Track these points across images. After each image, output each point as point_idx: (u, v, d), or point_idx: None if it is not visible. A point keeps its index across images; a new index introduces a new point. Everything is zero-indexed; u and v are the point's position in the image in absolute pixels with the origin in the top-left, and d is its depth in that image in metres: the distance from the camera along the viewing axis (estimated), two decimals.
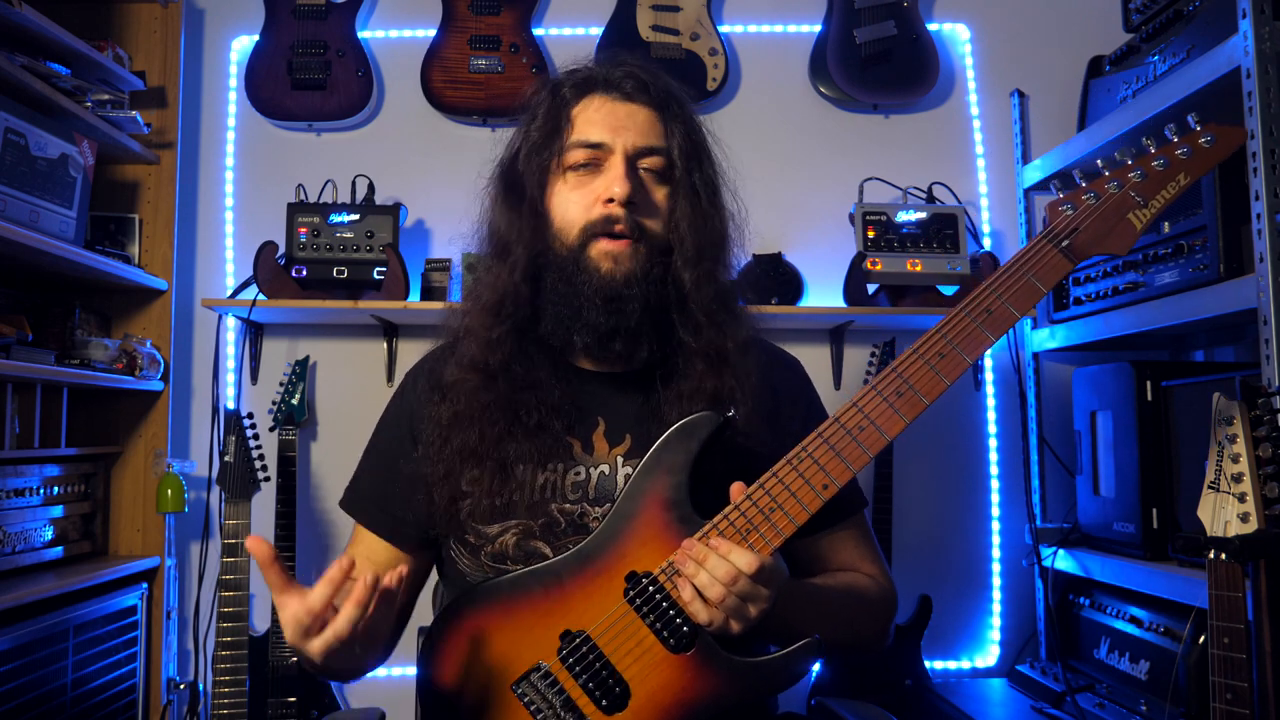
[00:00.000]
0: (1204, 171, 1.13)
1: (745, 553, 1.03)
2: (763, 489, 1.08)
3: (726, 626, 1.05)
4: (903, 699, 2.27)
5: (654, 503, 1.12)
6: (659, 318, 1.21)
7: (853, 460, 1.07)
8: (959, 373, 1.07)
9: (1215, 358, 2.39)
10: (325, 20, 2.49)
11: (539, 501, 1.20)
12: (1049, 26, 2.65)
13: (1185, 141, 1.12)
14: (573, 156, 1.22)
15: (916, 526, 2.51)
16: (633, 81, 1.24)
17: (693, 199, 1.24)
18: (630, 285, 1.18)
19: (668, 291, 1.21)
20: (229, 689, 2.09)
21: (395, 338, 2.49)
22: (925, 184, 2.48)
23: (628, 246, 1.19)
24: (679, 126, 1.25)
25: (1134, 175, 1.12)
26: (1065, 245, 1.10)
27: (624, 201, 1.18)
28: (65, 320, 2.19)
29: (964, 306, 1.09)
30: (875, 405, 1.08)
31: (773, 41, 2.64)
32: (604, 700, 1.08)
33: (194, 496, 2.37)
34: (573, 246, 1.21)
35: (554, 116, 1.24)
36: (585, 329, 1.20)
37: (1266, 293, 1.60)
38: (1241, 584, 1.26)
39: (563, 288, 1.20)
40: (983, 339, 1.08)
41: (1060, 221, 1.12)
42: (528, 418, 1.21)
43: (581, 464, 1.23)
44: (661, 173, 1.23)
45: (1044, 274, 1.10)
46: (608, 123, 1.22)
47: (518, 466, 1.19)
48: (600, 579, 1.11)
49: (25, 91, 1.96)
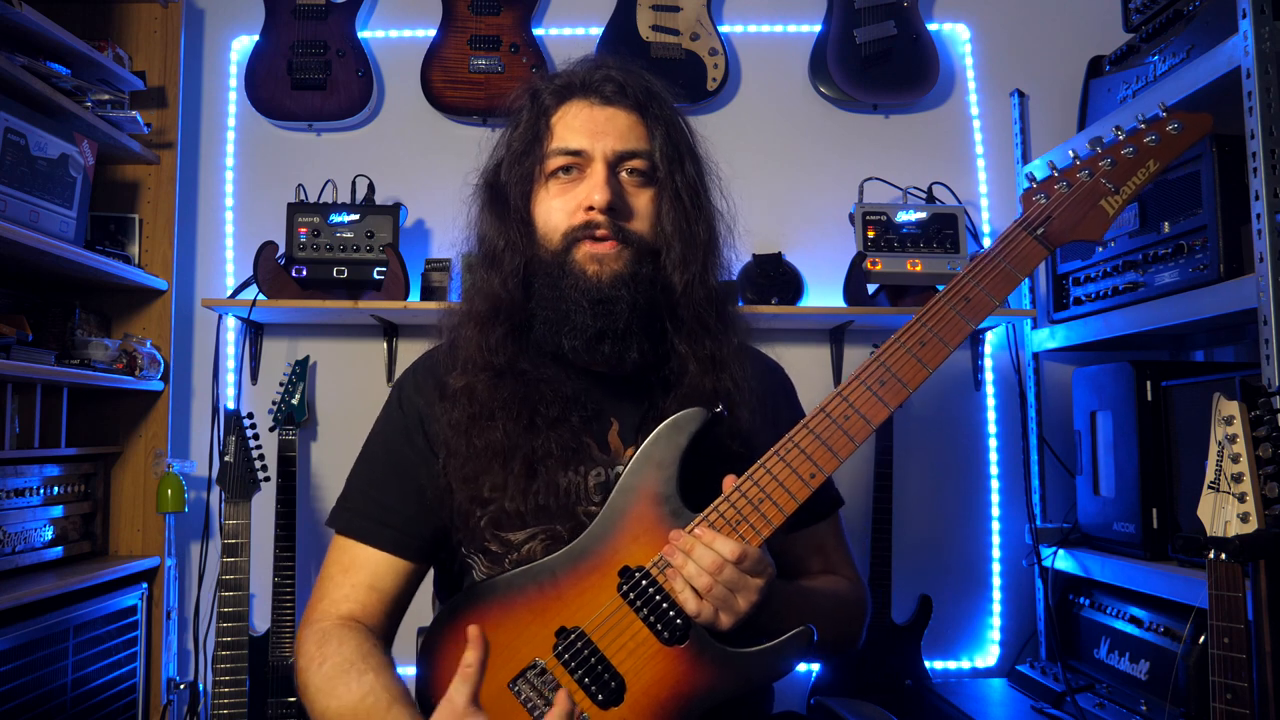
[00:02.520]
0: (1173, 157, 1.16)
1: (729, 541, 1.05)
2: (751, 480, 1.09)
3: (716, 618, 1.05)
4: (903, 699, 2.27)
5: (645, 498, 1.12)
6: (650, 321, 1.21)
7: (839, 449, 1.09)
8: (940, 359, 1.10)
9: (1215, 358, 2.39)
10: (325, 20, 2.49)
11: (565, 505, 1.19)
12: (1049, 26, 2.65)
13: (1153, 129, 1.15)
14: (554, 163, 1.22)
15: (916, 526, 2.51)
16: (612, 85, 1.24)
17: (677, 200, 1.23)
18: (617, 286, 1.18)
19: (658, 295, 1.21)
20: (229, 689, 2.09)
21: (395, 338, 2.49)
22: (925, 184, 2.48)
23: (613, 248, 1.19)
24: (660, 128, 1.24)
25: (1104, 163, 1.15)
26: (1040, 233, 1.13)
27: (604, 209, 1.18)
28: (65, 320, 2.19)
29: (943, 295, 1.12)
30: (859, 394, 1.10)
31: (773, 41, 2.64)
32: (600, 695, 1.08)
33: (194, 496, 2.38)
34: (557, 251, 1.21)
35: (534, 124, 1.25)
36: (573, 332, 1.19)
37: (1266, 293, 1.60)
38: (1241, 584, 1.26)
39: (550, 293, 1.21)
40: (962, 326, 1.10)
41: (1034, 210, 1.15)
42: (547, 410, 1.20)
43: (601, 465, 1.23)
44: (644, 175, 1.23)
45: (1019, 261, 1.12)
46: (587, 128, 1.22)
47: (542, 467, 1.18)
48: (594, 575, 1.11)
49: (25, 91, 1.96)
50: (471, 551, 1.24)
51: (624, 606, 1.10)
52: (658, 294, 1.21)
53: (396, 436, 1.29)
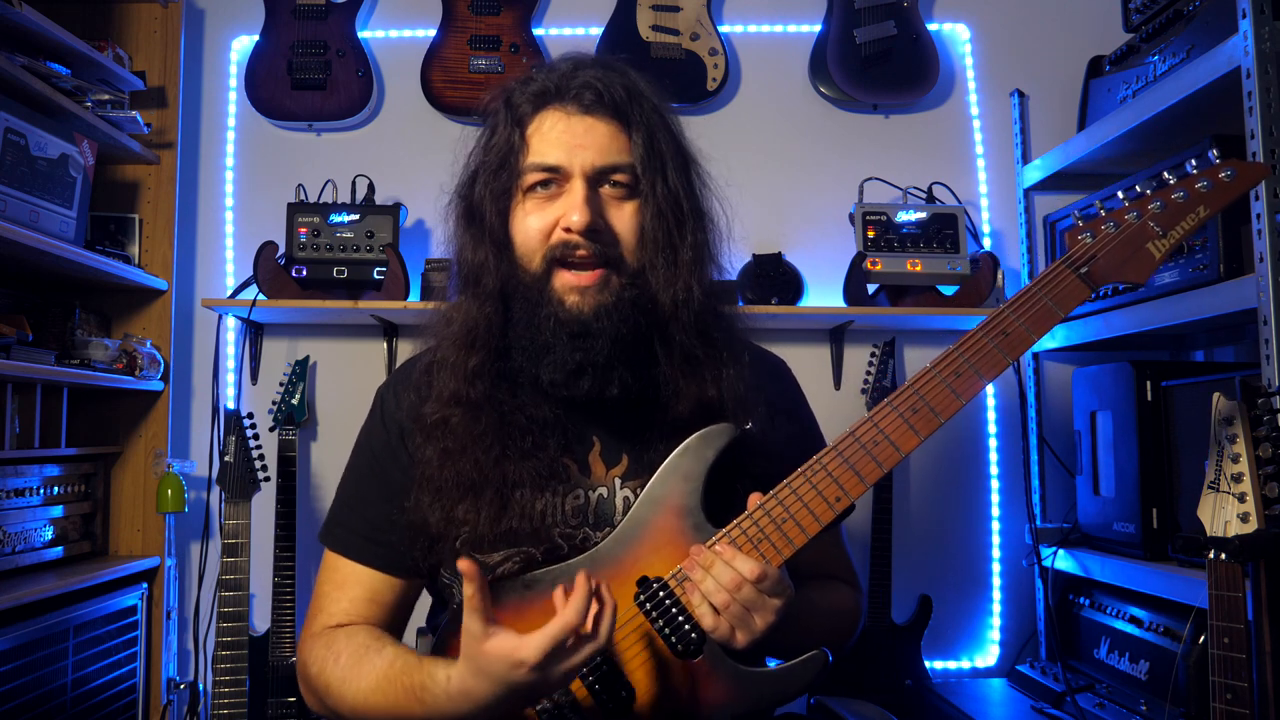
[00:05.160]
0: (1223, 205, 1.14)
1: (749, 560, 1.04)
2: (775, 499, 1.08)
3: (732, 636, 1.04)
4: (903, 699, 2.27)
5: (669, 510, 1.11)
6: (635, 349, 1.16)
7: (866, 474, 1.08)
8: (975, 392, 1.09)
9: (1215, 358, 2.39)
10: (325, 20, 2.49)
11: (540, 528, 1.17)
12: (1049, 26, 2.65)
13: (1205, 175, 1.13)
14: (530, 179, 1.16)
15: (916, 526, 2.51)
16: (590, 92, 1.16)
17: (662, 213, 1.16)
18: (599, 319, 1.13)
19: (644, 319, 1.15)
20: (229, 689, 2.09)
21: (395, 338, 2.49)
22: (925, 184, 2.48)
23: (595, 279, 1.14)
24: (643, 134, 1.17)
25: (1154, 206, 1.14)
26: (1084, 271, 1.12)
27: (583, 231, 1.12)
28: (65, 320, 2.19)
29: (982, 326, 1.11)
30: (891, 421, 1.08)
31: (773, 41, 2.64)
32: (610, 704, 1.08)
33: (194, 496, 2.37)
34: (537, 274, 1.16)
35: (509, 136, 1.18)
36: (552, 365, 1.14)
37: (1266, 293, 1.60)
38: (1241, 584, 1.26)
39: (528, 319, 1.16)
40: (998, 359, 1.09)
41: (1079, 249, 1.14)
42: (522, 440, 1.16)
43: (580, 487, 1.20)
44: (626, 188, 1.17)
45: (1062, 298, 1.11)
46: (564, 141, 1.15)
47: (516, 492, 1.15)
48: (613, 583, 1.10)
49: (25, 91, 1.96)
50: (448, 572, 1.22)
51: (640, 616, 1.09)
52: (643, 318, 1.15)
53: (382, 452, 1.27)
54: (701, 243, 1.21)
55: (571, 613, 0.95)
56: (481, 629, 0.97)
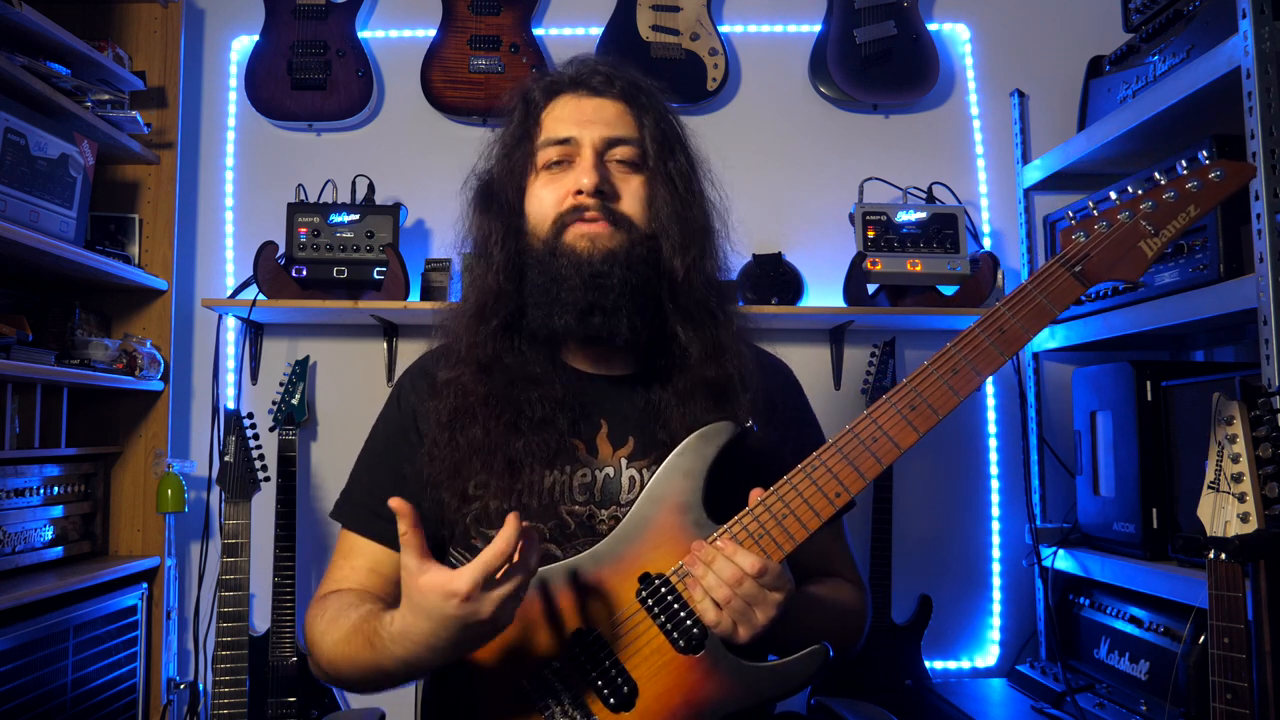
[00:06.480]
0: (1213, 205, 1.17)
1: (749, 555, 1.05)
2: (776, 495, 1.09)
3: (734, 631, 1.05)
4: (903, 699, 2.27)
5: (670, 506, 1.12)
6: (644, 302, 1.20)
7: (866, 470, 1.09)
8: (971, 389, 1.10)
9: (1215, 358, 2.39)
10: (325, 20, 2.49)
11: (548, 504, 1.19)
12: (1049, 26, 2.65)
13: (1195, 175, 1.16)
14: (544, 155, 1.23)
15: (916, 526, 2.51)
16: (599, 77, 1.25)
17: (670, 186, 1.23)
18: (608, 263, 1.17)
19: (656, 280, 1.21)
20: (229, 689, 2.09)
21: (395, 338, 2.49)
22: (925, 184, 2.48)
23: (605, 228, 1.19)
24: (649, 117, 1.25)
25: (1145, 206, 1.16)
26: (1077, 270, 1.14)
27: (592, 191, 1.19)
28: (65, 320, 2.19)
29: (979, 324, 1.13)
30: (889, 417, 1.10)
31: (773, 41, 2.64)
32: (612, 699, 1.08)
33: (194, 496, 2.38)
34: (548, 238, 1.21)
35: (524, 121, 1.26)
36: (564, 308, 1.18)
37: (1266, 293, 1.60)
38: (1241, 584, 1.26)
39: (541, 278, 1.20)
40: (995, 356, 1.11)
41: (1073, 248, 1.16)
42: (531, 411, 1.20)
43: (587, 466, 1.22)
44: (634, 163, 1.23)
45: (1055, 296, 1.13)
46: (574, 118, 1.23)
47: (525, 466, 1.18)
48: (614, 579, 1.11)
49: (25, 91, 1.97)
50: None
51: (641, 612, 1.10)
52: (655, 279, 1.20)
53: (394, 434, 1.31)
54: (706, 225, 1.26)
55: (501, 542, 0.96)
56: (417, 564, 0.99)
